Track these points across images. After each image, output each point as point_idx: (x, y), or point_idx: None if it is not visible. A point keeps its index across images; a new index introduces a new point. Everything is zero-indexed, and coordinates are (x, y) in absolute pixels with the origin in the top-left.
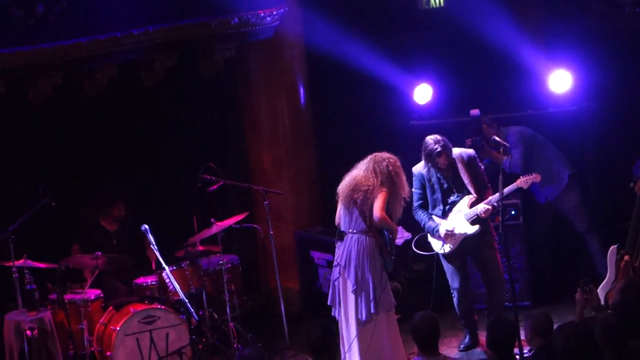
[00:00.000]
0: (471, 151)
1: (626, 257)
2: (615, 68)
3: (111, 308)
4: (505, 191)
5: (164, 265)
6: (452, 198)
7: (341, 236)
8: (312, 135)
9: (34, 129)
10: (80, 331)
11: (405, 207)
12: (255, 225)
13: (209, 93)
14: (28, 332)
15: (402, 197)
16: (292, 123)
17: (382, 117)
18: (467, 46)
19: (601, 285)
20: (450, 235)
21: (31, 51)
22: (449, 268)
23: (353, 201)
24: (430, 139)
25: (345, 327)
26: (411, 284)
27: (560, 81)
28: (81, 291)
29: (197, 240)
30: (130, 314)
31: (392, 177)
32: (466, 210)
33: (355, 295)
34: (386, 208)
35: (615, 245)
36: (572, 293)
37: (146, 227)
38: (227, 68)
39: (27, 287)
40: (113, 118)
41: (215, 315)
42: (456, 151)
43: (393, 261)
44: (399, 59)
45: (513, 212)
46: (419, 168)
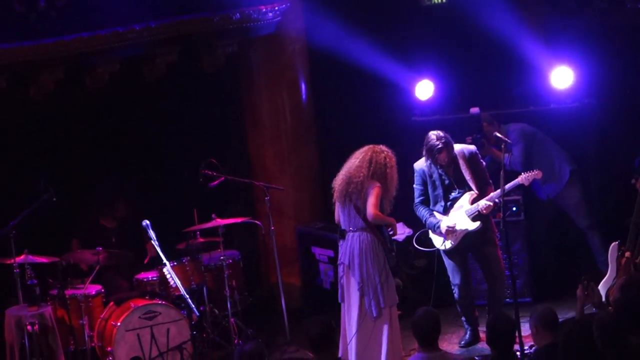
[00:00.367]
0: (473, 147)
1: (627, 254)
2: (616, 64)
3: (112, 303)
4: (506, 188)
5: (165, 260)
6: (454, 194)
7: (343, 235)
8: (314, 131)
9: (35, 124)
10: (81, 326)
11: (406, 204)
12: (256, 221)
13: (211, 89)
14: (29, 327)
15: (392, 195)
16: (294, 119)
17: (384, 113)
18: (469, 42)
19: (602, 281)
20: (451, 231)
21: (32, 46)
22: (450, 264)
23: (347, 196)
24: (432, 135)
25: (346, 324)
26: (412, 280)
27: (561, 77)
28: (82, 286)
29: (198, 234)
30: (131, 310)
31: (386, 171)
32: (467, 206)
33: (361, 293)
34: (380, 203)
35: (616, 241)
36: (573, 289)
37: (147, 223)
38: (229, 64)
39: (28, 283)
40: (114, 113)
41: (216, 310)
42: (458, 147)
43: (394, 257)
44: (401, 55)
45: (514, 209)
46: (421, 164)
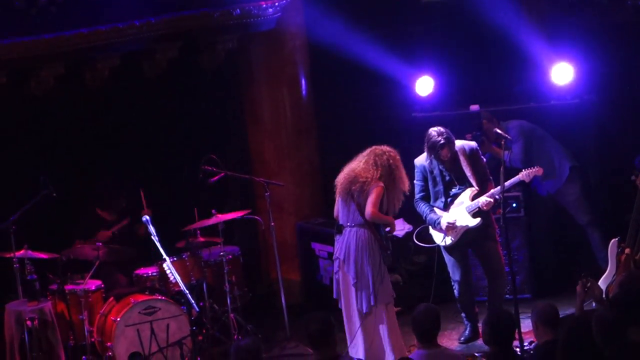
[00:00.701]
0: (473, 144)
1: (627, 250)
2: (617, 61)
3: (112, 299)
4: (507, 184)
5: (165, 256)
6: (454, 190)
7: (340, 230)
8: (314, 126)
9: (35, 120)
10: (80, 322)
11: (406, 200)
12: (256, 216)
13: (211, 84)
14: (28, 322)
15: (402, 191)
16: (294, 115)
17: (384, 109)
18: (469, 38)
19: (602, 278)
20: (451, 227)
21: (33, 41)
22: (450, 260)
23: (350, 194)
24: (433, 131)
25: (347, 320)
26: (412, 276)
27: (562, 74)
28: (82, 282)
29: (197, 229)
30: (130, 305)
31: (393, 171)
32: (468, 202)
33: (355, 288)
34: (380, 203)
35: (616, 238)
36: (573, 286)
37: (147, 218)
38: (229, 59)
39: (28, 278)
40: (114, 109)
41: (215, 306)
42: (458, 143)
43: (390, 255)
44: (401, 51)
45: (514, 205)
46: (421, 160)
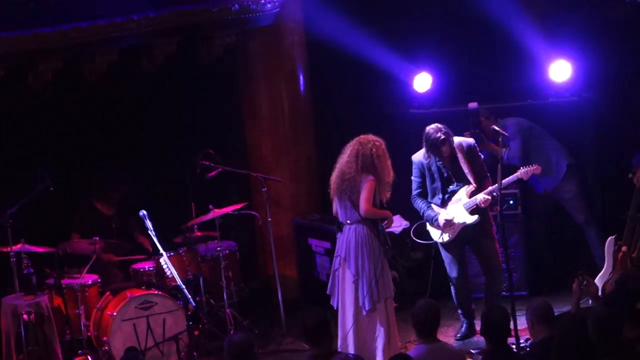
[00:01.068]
0: (471, 140)
1: (624, 248)
2: (615, 59)
3: (108, 293)
4: (505, 182)
5: (162, 251)
6: (452, 187)
7: (340, 227)
8: (312, 122)
9: (33, 114)
10: (77, 316)
11: (403, 196)
12: (253, 212)
13: (209, 79)
14: (25, 317)
15: (386, 182)
16: (292, 110)
17: (382, 105)
18: (468, 35)
19: (598, 276)
20: (449, 224)
21: (31, 35)
22: (447, 257)
23: (343, 192)
24: (431, 129)
25: (340, 317)
26: (409, 273)
27: (560, 71)
28: (78, 276)
29: (195, 225)
30: (127, 300)
31: (374, 161)
32: (465, 199)
33: (356, 285)
34: (374, 197)
35: (613, 236)
36: (570, 283)
37: (144, 213)
38: (227, 54)
39: (25, 272)
40: (112, 103)
41: (212, 301)
42: (456, 140)
43: (389, 250)
44: (400, 47)
45: (511, 202)
46: (419, 156)
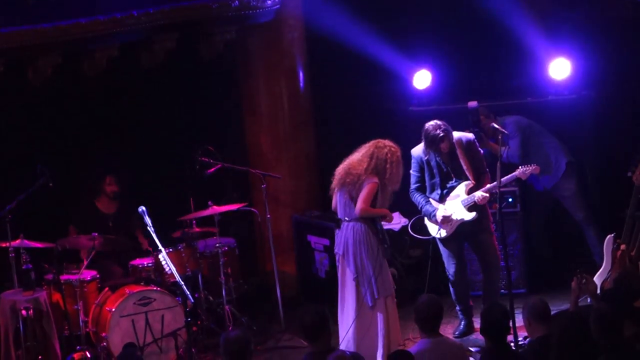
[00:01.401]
0: (471, 135)
1: (622, 247)
2: (615, 57)
3: (107, 289)
4: (503, 180)
5: (160, 247)
6: (450, 183)
7: (338, 224)
8: (311, 119)
9: (33, 109)
10: (75, 312)
11: (402, 193)
12: (252, 208)
13: (208, 76)
14: (23, 312)
15: (392, 191)
16: (291, 106)
17: (381, 102)
18: (468, 32)
19: (597, 274)
20: (447, 220)
21: (31, 31)
22: (445, 252)
23: (345, 187)
24: (430, 125)
25: (341, 313)
26: (407, 270)
27: (560, 69)
28: (77, 272)
29: (193, 220)
30: (126, 296)
31: (386, 166)
32: (464, 196)
33: (356, 282)
34: (374, 199)
35: (612, 234)
36: (568, 281)
37: (143, 209)
38: (227, 51)
39: (23, 267)
40: (111, 99)
41: (211, 298)
42: (456, 135)
43: (388, 249)
44: (399, 44)
45: (510, 200)
46: (418, 151)
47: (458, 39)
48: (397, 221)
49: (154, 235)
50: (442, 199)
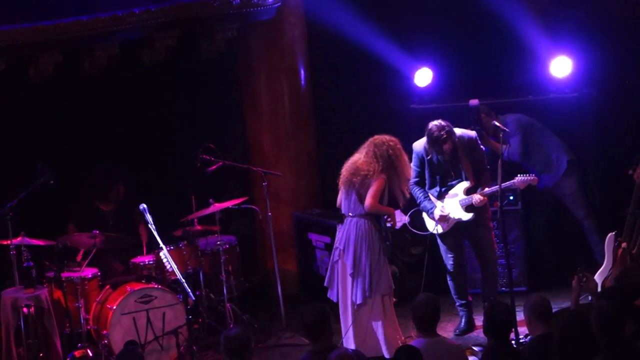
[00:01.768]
0: (473, 133)
1: (623, 245)
2: (616, 55)
3: (108, 287)
4: (502, 186)
5: (162, 245)
6: (450, 181)
7: (342, 219)
8: (312, 116)
9: (34, 107)
10: (76, 309)
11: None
12: (253, 206)
13: (210, 73)
14: (24, 310)
15: (406, 179)
16: (293, 104)
17: (383, 100)
18: (469, 30)
19: (598, 272)
20: (444, 219)
21: (32, 28)
22: (443, 246)
23: (352, 184)
24: (434, 126)
25: (342, 310)
26: (408, 268)
27: (561, 67)
28: (78, 269)
29: (195, 219)
30: (127, 293)
31: (393, 161)
32: (462, 196)
33: (352, 278)
34: (380, 196)
35: (613, 232)
36: (569, 279)
37: (144, 207)
38: (228, 48)
39: (25, 265)
40: (113, 97)
41: (212, 295)
42: (458, 132)
43: (389, 247)
44: (401, 42)
45: (511, 198)
46: (419, 146)
47: (459, 37)
48: (398, 219)
49: (155, 232)
50: (441, 197)
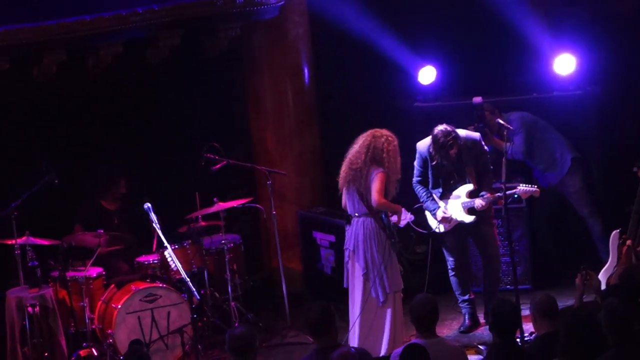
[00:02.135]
0: (477, 135)
1: (628, 242)
2: (620, 52)
3: (113, 286)
4: (500, 194)
5: (166, 243)
6: (452, 182)
7: (349, 220)
8: (316, 115)
9: (38, 106)
10: (81, 308)
11: (404, 189)
12: (258, 205)
13: (213, 72)
14: (29, 309)
15: (393, 181)
16: (296, 103)
17: (387, 98)
18: (473, 28)
19: (602, 270)
20: (446, 220)
21: (35, 27)
22: (446, 243)
23: (351, 183)
24: (439, 132)
25: (351, 309)
26: (413, 266)
27: (565, 64)
28: (83, 268)
29: (199, 216)
30: (131, 292)
31: (383, 155)
32: (464, 198)
33: (365, 279)
34: (385, 190)
35: (617, 230)
36: (574, 277)
37: (149, 206)
38: (232, 47)
39: (29, 264)
40: (116, 96)
41: (216, 294)
42: (462, 133)
43: (396, 243)
44: (405, 39)
45: (516, 196)
46: (424, 146)
47: (463, 35)
48: (403, 217)
49: (160, 231)
50: (443, 197)
